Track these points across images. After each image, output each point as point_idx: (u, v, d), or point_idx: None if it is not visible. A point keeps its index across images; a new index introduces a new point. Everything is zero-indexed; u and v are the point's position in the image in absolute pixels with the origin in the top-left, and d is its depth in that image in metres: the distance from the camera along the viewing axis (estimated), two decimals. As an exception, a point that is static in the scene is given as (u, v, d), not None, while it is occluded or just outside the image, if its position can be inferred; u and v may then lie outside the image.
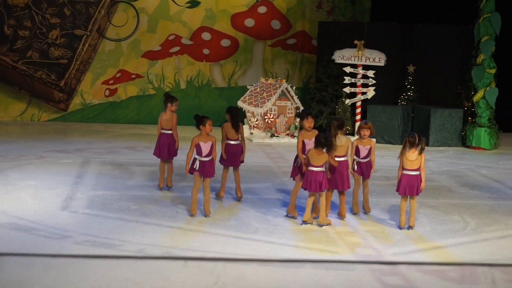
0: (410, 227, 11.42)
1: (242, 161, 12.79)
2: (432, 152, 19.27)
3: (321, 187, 11.15)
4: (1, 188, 13.14)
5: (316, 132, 11.57)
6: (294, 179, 11.84)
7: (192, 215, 11.58)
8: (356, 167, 12.13)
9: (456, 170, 16.97)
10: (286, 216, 11.78)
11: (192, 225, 11.20)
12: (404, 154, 11.24)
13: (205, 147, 11.61)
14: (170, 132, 13.49)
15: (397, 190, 11.44)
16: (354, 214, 12.19)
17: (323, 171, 11.20)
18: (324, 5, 23.72)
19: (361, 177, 12.28)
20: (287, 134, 20.56)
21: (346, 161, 11.65)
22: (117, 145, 18.43)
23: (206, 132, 11.65)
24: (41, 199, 12.47)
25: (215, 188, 13.00)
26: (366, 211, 12.36)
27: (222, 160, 12.74)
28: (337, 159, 11.42)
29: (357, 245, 10.52)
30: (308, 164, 11.15)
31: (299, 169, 11.59)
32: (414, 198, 11.39)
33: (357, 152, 12.14)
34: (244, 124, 20.90)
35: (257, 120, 20.58)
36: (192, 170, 11.63)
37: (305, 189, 11.35)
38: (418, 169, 11.26)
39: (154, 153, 13.66)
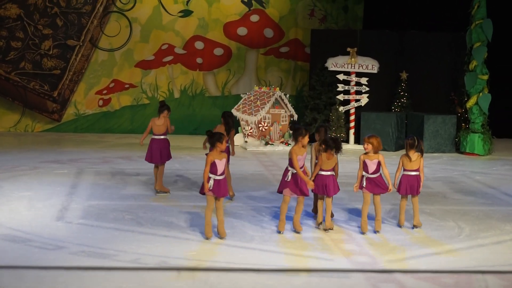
0: (415, 226, 11.77)
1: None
2: (426, 158, 19.24)
3: (331, 191, 11.38)
4: (-4, 199, 13.13)
5: (306, 149, 11.32)
6: (282, 193, 11.34)
7: (207, 238, 10.91)
8: (365, 183, 11.42)
9: (450, 176, 17.00)
10: (295, 231, 11.45)
11: (187, 234, 11.18)
12: (405, 156, 11.63)
13: (220, 165, 10.89)
14: (162, 137, 13.67)
15: (398, 190, 11.70)
16: (362, 233, 11.43)
17: (333, 175, 11.43)
18: (317, 13, 23.77)
19: (371, 194, 11.48)
20: (281, 142, 20.57)
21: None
22: (111, 155, 18.42)
23: (221, 149, 10.93)
24: (36, 210, 12.45)
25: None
26: (377, 230, 11.57)
27: None
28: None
29: (352, 252, 10.51)
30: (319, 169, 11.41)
31: (289, 184, 11.20)
32: (416, 197, 11.77)
33: (365, 167, 11.46)
34: (238, 132, 20.97)
35: (251, 128, 20.60)
36: (204, 190, 10.89)
37: (317, 193, 11.67)
38: (417, 170, 11.70)
39: (146, 159, 13.79)
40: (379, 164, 11.44)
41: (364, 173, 11.46)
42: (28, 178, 15.07)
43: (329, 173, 11.37)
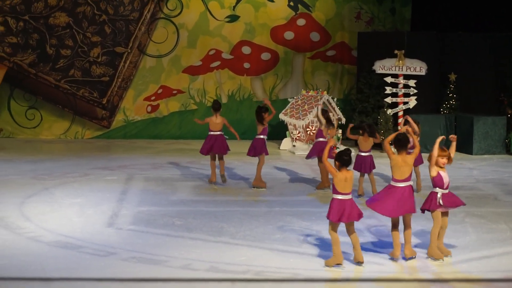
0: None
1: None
2: (476, 160, 19.11)
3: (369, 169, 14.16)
4: (47, 206, 13.27)
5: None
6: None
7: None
8: (441, 201, 10.26)
9: (501, 178, 16.81)
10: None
11: (238, 240, 11.21)
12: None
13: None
14: (218, 133, 15.29)
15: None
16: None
17: (371, 155, 14.30)
18: (363, 16, 23.67)
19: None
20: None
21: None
22: (160, 160, 18.51)
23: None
24: (87, 216, 12.57)
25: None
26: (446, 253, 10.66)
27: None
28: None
29: (402, 254, 10.43)
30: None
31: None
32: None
33: (440, 181, 10.33)
34: (286, 136, 20.99)
35: (299, 133, 20.57)
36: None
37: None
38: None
39: (201, 151, 15.34)
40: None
41: (438, 188, 10.33)
42: (79, 185, 15.21)
43: (367, 153, 14.24)
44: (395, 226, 10.25)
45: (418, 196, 12.09)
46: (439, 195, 10.21)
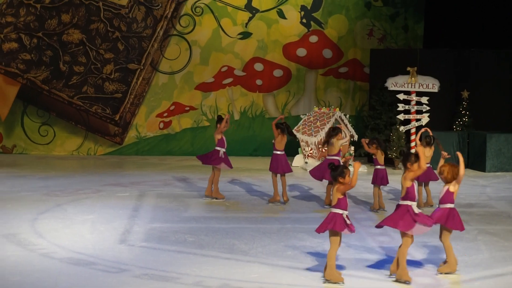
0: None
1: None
2: (489, 177, 19.05)
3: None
4: (59, 223, 13.29)
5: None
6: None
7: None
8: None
9: (514, 195, 16.76)
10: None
11: (250, 256, 11.19)
12: None
13: None
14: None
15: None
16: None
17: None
18: (376, 33, 23.69)
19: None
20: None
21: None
22: (172, 177, 18.53)
23: None
24: (99, 233, 12.57)
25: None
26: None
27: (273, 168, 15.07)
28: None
29: (416, 273, 10.39)
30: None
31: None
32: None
33: (449, 197, 10.52)
34: (298, 153, 20.99)
35: (311, 149, 20.57)
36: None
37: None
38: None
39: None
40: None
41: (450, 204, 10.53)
42: (91, 201, 15.23)
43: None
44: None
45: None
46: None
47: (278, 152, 15.17)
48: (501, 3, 22.55)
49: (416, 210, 10.00)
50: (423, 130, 15.63)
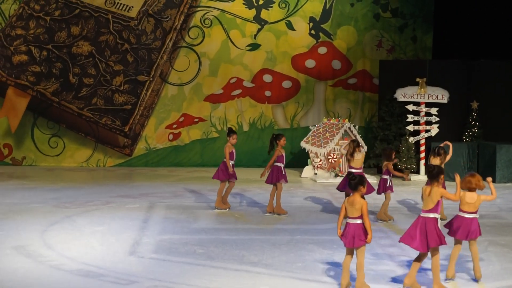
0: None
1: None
2: (499, 188, 18.98)
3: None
4: (69, 234, 13.30)
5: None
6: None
7: None
8: None
9: (524, 206, 16.70)
10: None
11: (259, 268, 11.18)
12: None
13: None
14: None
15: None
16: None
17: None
18: (384, 44, 23.69)
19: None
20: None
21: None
22: (181, 188, 18.54)
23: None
24: (108, 244, 12.58)
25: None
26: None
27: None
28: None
29: (427, 285, 10.37)
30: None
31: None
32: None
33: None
34: (307, 164, 20.97)
35: (320, 161, 20.55)
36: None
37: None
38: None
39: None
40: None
41: (475, 215, 10.85)
42: (101, 213, 15.25)
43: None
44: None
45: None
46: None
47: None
48: (510, 14, 22.53)
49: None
50: (443, 144, 15.39)
